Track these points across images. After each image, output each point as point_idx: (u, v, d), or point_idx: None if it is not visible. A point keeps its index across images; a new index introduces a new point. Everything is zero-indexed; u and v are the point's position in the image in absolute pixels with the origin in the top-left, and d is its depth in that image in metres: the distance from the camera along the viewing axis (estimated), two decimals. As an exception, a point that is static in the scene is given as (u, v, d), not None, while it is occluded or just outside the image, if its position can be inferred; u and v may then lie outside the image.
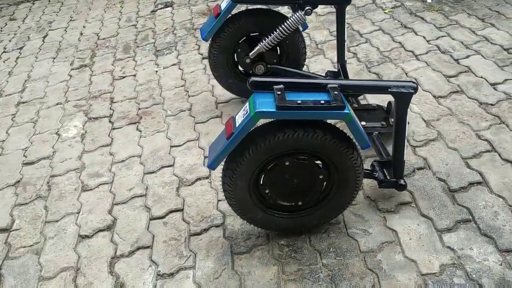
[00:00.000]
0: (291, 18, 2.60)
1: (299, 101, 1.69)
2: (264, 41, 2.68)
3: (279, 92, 1.73)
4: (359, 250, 1.98)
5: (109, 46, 4.23)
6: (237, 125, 1.75)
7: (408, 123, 2.53)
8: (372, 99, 2.81)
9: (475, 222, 2.02)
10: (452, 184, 2.21)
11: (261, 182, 1.93)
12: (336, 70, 2.90)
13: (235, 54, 2.85)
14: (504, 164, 2.27)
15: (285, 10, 3.86)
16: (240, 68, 2.93)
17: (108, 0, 5.37)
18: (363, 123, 2.44)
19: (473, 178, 2.22)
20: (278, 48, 2.78)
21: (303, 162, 1.86)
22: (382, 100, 2.71)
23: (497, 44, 3.23)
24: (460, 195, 2.15)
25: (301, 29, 2.72)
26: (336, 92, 1.75)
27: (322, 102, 1.69)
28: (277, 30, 2.63)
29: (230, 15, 2.66)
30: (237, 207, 1.96)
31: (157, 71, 3.64)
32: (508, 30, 3.38)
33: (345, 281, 1.86)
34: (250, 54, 2.73)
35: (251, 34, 2.76)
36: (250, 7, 2.88)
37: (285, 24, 2.61)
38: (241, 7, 3.22)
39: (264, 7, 2.75)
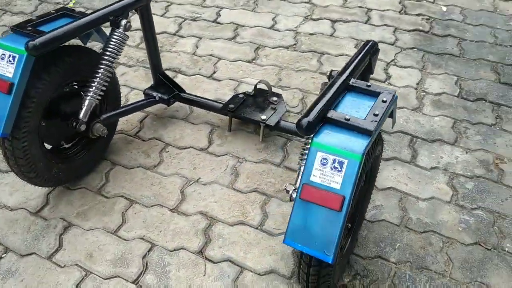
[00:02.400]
0: (112, 43, 1.83)
1: (376, 112, 1.33)
2: (90, 90, 1.80)
3: (346, 117, 1.29)
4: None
5: None
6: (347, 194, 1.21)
7: None
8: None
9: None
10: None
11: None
12: (151, 85, 2.29)
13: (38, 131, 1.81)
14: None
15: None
16: (47, 146, 1.91)
17: None
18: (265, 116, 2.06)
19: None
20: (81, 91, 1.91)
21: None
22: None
23: (222, -6, 3.24)
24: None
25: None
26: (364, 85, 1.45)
27: (384, 99, 1.39)
28: (101, 67, 1.81)
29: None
30: None
31: None
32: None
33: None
34: (81, 116, 1.79)
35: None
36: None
37: (108, 54, 1.82)
38: None
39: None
